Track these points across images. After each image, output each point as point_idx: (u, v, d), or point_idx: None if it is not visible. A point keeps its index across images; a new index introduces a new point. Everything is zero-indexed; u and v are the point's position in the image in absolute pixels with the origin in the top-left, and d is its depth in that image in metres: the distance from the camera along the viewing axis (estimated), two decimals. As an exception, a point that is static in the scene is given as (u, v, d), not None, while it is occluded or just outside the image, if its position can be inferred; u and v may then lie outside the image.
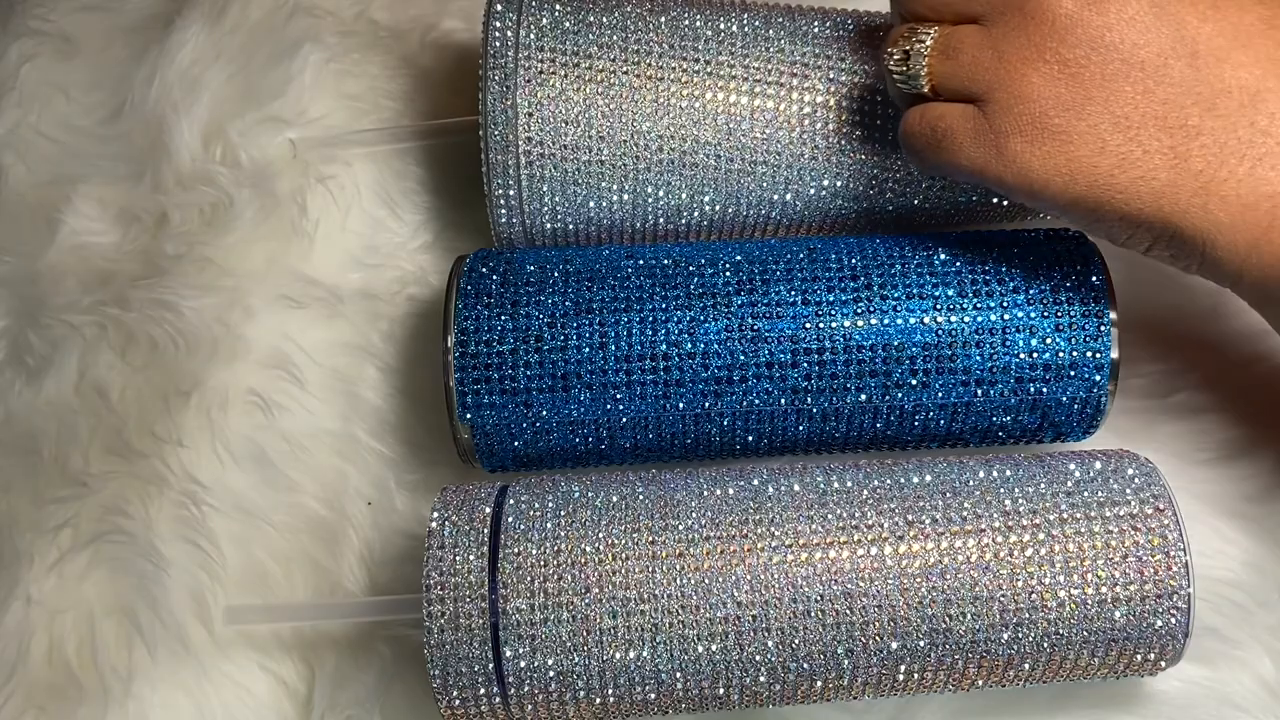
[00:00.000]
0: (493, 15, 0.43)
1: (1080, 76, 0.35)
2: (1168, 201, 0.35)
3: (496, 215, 0.44)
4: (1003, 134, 0.36)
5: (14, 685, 0.42)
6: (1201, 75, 0.35)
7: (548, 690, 0.36)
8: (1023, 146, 0.36)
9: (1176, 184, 0.35)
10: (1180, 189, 0.35)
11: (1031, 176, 0.36)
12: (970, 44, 0.37)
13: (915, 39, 0.38)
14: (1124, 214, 0.36)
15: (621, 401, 0.41)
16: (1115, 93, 0.35)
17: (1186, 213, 0.35)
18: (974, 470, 0.39)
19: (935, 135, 0.38)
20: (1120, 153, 0.35)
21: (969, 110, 0.37)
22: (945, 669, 0.37)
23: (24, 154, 0.50)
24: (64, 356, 0.46)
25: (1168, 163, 0.35)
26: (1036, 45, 0.35)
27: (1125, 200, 0.36)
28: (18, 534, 0.44)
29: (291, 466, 0.45)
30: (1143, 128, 0.35)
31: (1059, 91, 0.35)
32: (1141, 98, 0.35)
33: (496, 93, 0.42)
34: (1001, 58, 0.36)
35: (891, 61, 0.39)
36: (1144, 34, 0.35)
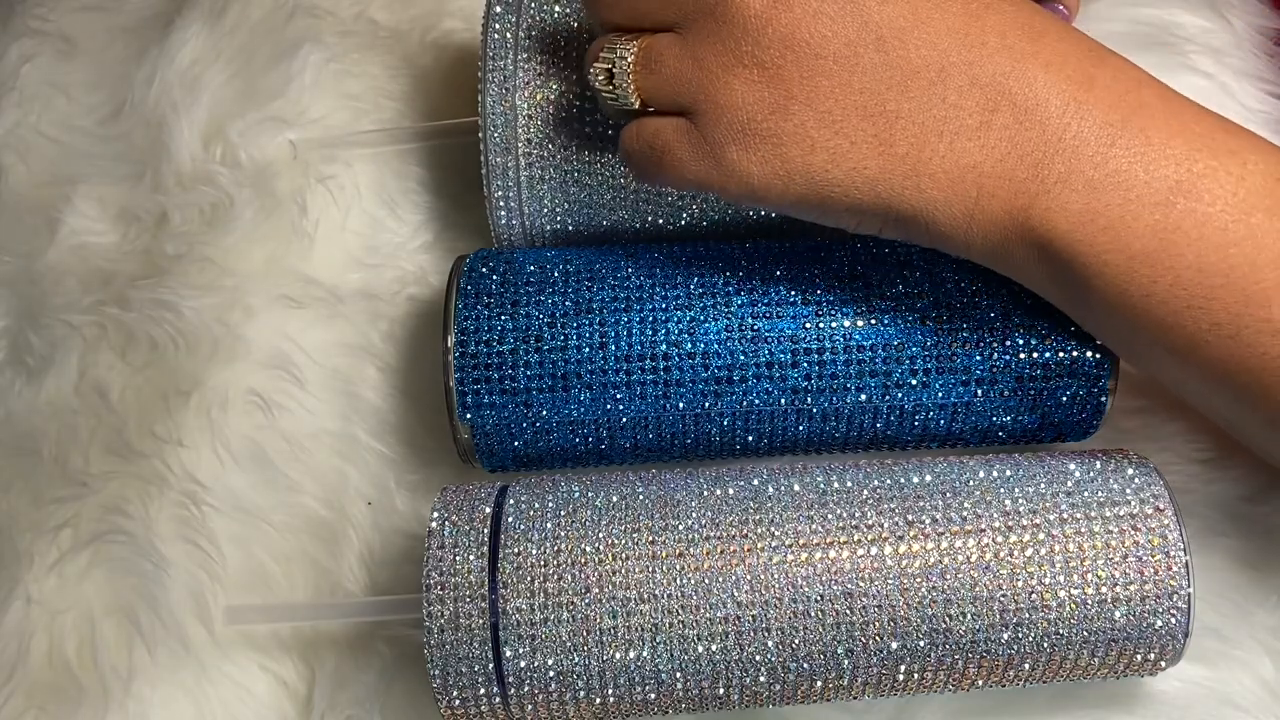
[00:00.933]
0: (492, 17, 0.43)
1: (780, 77, 0.35)
2: (883, 187, 0.36)
3: (496, 217, 0.44)
4: (717, 144, 0.36)
5: (14, 685, 0.42)
6: (890, 59, 0.35)
7: (548, 690, 0.36)
8: (738, 155, 0.36)
9: (887, 169, 0.36)
10: (892, 174, 0.36)
11: (752, 183, 0.37)
12: (670, 55, 0.37)
13: (617, 55, 0.38)
14: (846, 206, 0.37)
15: (621, 401, 0.41)
16: (815, 89, 0.35)
17: (902, 196, 0.36)
18: (974, 470, 0.39)
19: (654, 153, 0.38)
20: (829, 147, 0.36)
21: (682, 124, 0.37)
22: (945, 669, 0.37)
23: (24, 154, 0.50)
24: (64, 356, 0.46)
25: (875, 150, 0.36)
26: (733, 51, 0.36)
27: (844, 193, 0.36)
28: (18, 534, 0.44)
29: (291, 466, 0.45)
30: (846, 120, 0.35)
31: (762, 95, 0.35)
32: (840, 90, 0.35)
33: (496, 95, 0.42)
34: (702, 66, 0.36)
35: (598, 81, 0.38)
36: (830, 26, 0.35)
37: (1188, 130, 0.35)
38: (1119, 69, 0.36)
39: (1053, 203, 0.35)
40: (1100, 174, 0.35)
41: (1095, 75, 0.36)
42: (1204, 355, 0.36)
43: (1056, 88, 0.35)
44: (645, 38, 0.37)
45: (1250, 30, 0.53)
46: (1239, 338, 0.35)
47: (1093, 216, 0.35)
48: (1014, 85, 0.35)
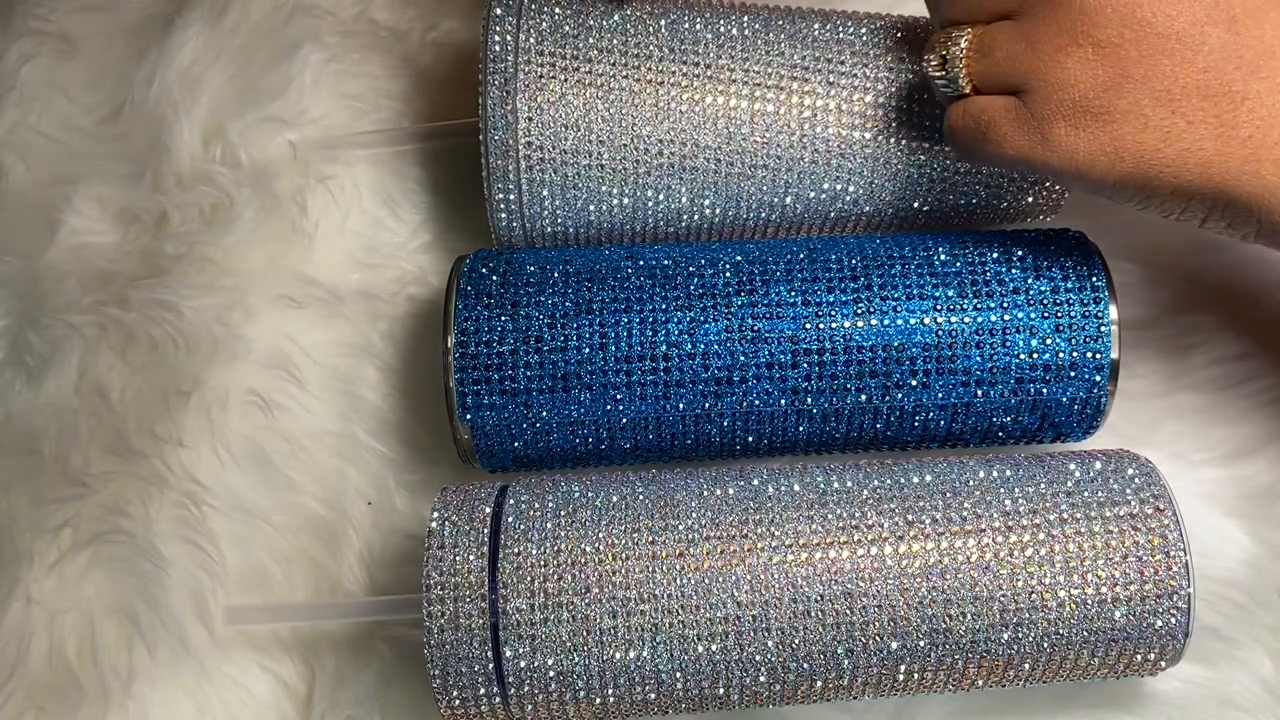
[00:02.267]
0: (492, 19, 0.43)
1: (1116, 55, 0.35)
2: (1217, 171, 0.35)
3: (497, 219, 0.44)
4: (1045, 120, 0.36)
5: (14, 685, 0.42)
6: (1242, 39, 0.35)
7: (548, 690, 0.36)
8: (1066, 131, 0.36)
9: (1225, 152, 0.35)
10: (1229, 157, 0.35)
11: (1077, 159, 0.36)
12: (1004, 39, 0.37)
13: (950, 42, 0.38)
14: (1174, 187, 0.36)
15: (621, 402, 0.41)
16: (1153, 67, 0.35)
17: (1238, 180, 0.35)
18: (974, 470, 0.39)
19: (979, 128, 0.38)
20: (1164, 126, 0.35)
21: (1010, 101, 0.37)
22: (945, 669, 0.37)
23: (24, 154, 0.50)
24: (64, 356, 0.46)
25: (1213, 132, 0.35)
26: (1068, 30, 0.35)
27: (1174, 174, 0.35)
28: (18, 534, 0.44)
29: (291, 466, 0.45)
30: (1185, 99, 0.35)
31: (1095, 73, 0.35)
32: (1180, 69, 0.35)
33: (496, 97, 0.42)
34: (1035, 47, 0.36)
35: (931, 67, 0.39)
36: (1176, 4, 0.35)
37: None
38: None
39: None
40: None
41: None
42: None
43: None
44: (981, 25, 0.38)
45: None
46: None
47: None
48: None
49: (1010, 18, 0.37)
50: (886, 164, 0.44)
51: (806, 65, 0.43)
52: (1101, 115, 0.36)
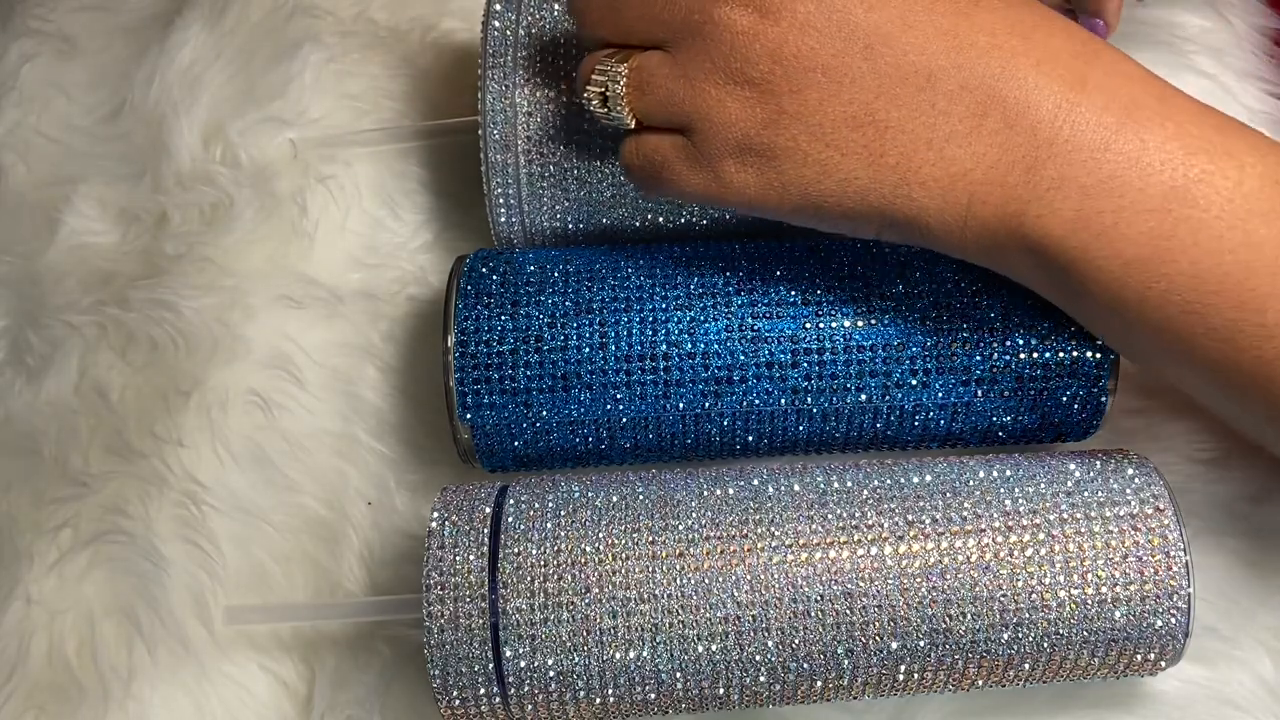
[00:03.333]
0: (492, 15, 0.43)
1: (770, 92, 0.35)
2: (874, 197, 0.36)
3: (496, 215, 0.44)
4: (714, 159, 0.37)
5: (14, 685, 0.42)
6: (878, 66, 0.35)
7: (548, 690, 0.36)
8: (734, 169, 0.37)
9: (878, 179, 0.36)
10: (882, 183, 0.36)
11: (749, 195, 0.37)
12: (662, 75, 0.37)
13: (609, 78, 0.38)
14: (840, 214, 0.37)
15: (621, 401, 0.41)
16: (804, 102, 0.35)
17: (893, 204, 0.36)
18: (974, 470, 0.39)
19: (654, 167, 0.38)
20: (821, 160, 0.36)
21: (679, 140, 0.37)
22: (945, 669, 0.37)
23: (24, 154, 0.50)
24: (64, 356, 0.46)
25: (865, 161, 0.36)
26: (722, 69, 0.36)
27: (837, 202, 0.36)
28: (18, 534, 0.44)
29: (291, 466, 0.45)
30: (836, 131, 0.35)
31: (753, 111, 0.36)
32: (829, 101, 0.35)
33: (496, 92, 0.42)
34: (693, 86, 0.36)
35: (592, 105, 0.38)
36: (817, 38, 0.35)
37: (1184, 132, 0.35)
38: (1113, 66, 0.36)
39: (1045, 209, 0.35)
40: (1093, 179, 0.34)
41: (1088, 74, 0.35)
42: (1201, 356, 0.35)
43: (1048, 89, 0.35)
44: (635, 57, 0.37)
45: (1250, 30, 0.53)
46: (1234, 341, 0.35)
47: (1085, 223, 0.35)
48: (1004, 87, 0.35)
49: (663, 47, 0.37)
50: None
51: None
52: (764, 153, 0.36)
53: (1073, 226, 0.35)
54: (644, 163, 0.39)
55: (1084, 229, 0.35)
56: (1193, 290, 0.34)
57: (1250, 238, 0.34)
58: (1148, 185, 0.34)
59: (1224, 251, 0.34)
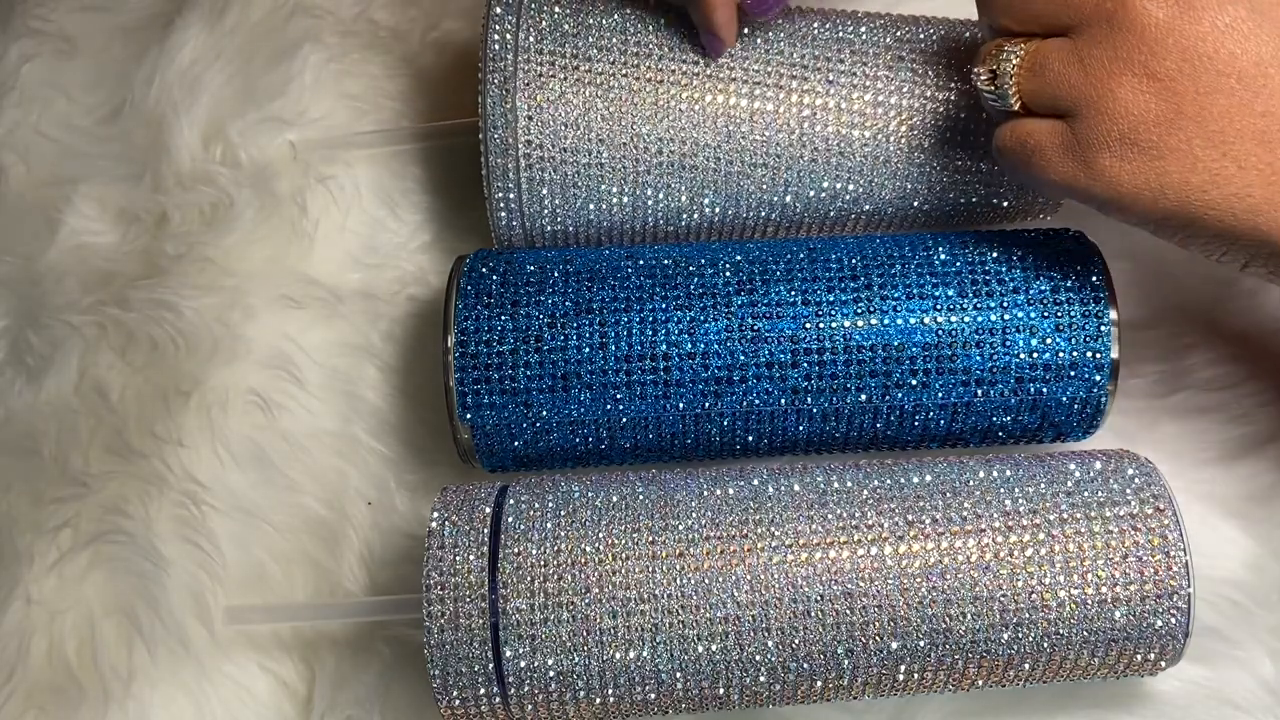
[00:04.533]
0: (492, 18, 0.43)
1: (1171, 90, 0.34)
2: (1264, 219, 0.34)
3: (496, 218, 0.44)
4: (1091, 149, 0.35)
5: (14, 685, 0.42)
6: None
7: (548, 690, 0.36)
8: (1111, 162, 0.35)
9: (1274, 200, 0.34)
10: (1278, 206, 0.34)
11: (1120, 191, 0.35)
12: (1056, 59, 0.36)
13: (1002, 57, 0.37)
14: (1217, 231, 0.35)
15: (621, 401, 0.41)
16: (1209, 106, 0.34)
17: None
18: (974, 470, 0.39)
19: (1026, 151, 0.37)
20: (1213, 169, 0.34)
21: (1057, 126, 0.36)
22: (945, 669, 0.37)
23: (24, 154, 0.50)
24: (64, 356, 0.46)
25: (1264, 179, 0.34)
26: (1124, 58, 0.34)
27: (1218, 217, 0.35)
28: (18, 534, 0.44)
29: (291, 466, 0.45)
30: (1238, 142, 0.34)
31: (1148, 105, 0.34)
32: (1238, 111, 0.34)
33: (496, 96, 0.42)
34: (1088, 71, 0.35)
35: (980, 81, 0.38)
36: (1242, 43, 0.33)
37: None
38: None
39: None
40: None
41: None
42: None
43: None
44: (1035, 41, 0.37)
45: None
46: None
47: None
48: None
49: (1067, 33, 0.36)
50: (886, 163, 0.44)
51: (806, 64, 0.43)
52: (1149, 150, 0.35)
53: None
54: (1017, 145, 0.38)
55: None
56: None
57: None
58: None
59: None
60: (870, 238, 0.43)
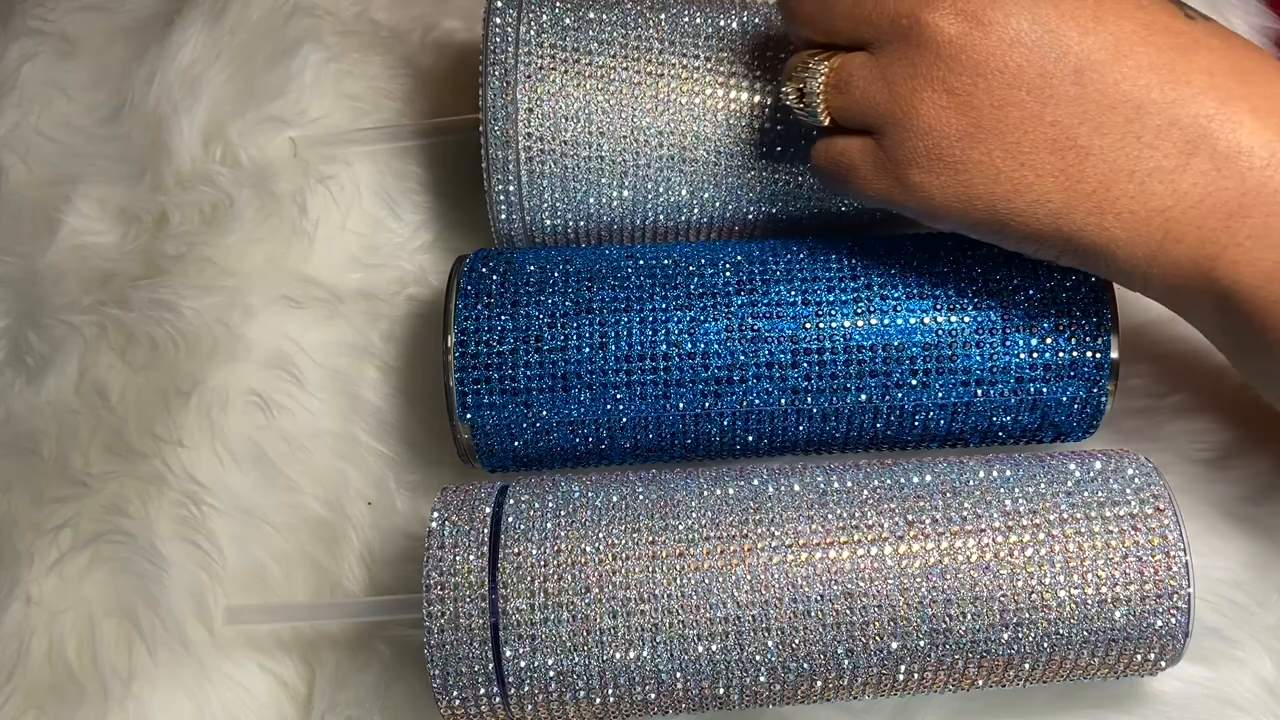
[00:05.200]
0: (493, 11, 0.43)
1: (969, 105, 0.35)
2: (1064, 221, 0.36)
3: (496, 211, 0.44)
4: (901, 165, 0.37)
5: (14, 685, 0.42)
6: (1087, 92, 0.35)
7: (548, 690, 0.36)
8: (921, 177, 0.36)
9: (1071, 205, 0.35)
10: (1075, 209, 0.35)
11: (933, 204, 0.37)
12: (860, 76, 0.37)
13: (808, 74, 0.38)
14: (1024, 234, 0.37)
15: (621, 401, 0.41)
16: (1004, 119, 0.35)
17: (1083, 230, 0.36)
18: (974, 470, 0.39)
19: (840, 170, 0.39)
20: (1014, 178, 0.35)
21: (868, 144, 0.37)
22: (945, 669, 0.37)
23: (24, 154, 0.50)
24: (64, 356, 0.46)
25: (1060, 185, 0.35)
26: (924, 75, 0.35)
27: (1024, 223, 0.36)
28: (18, 534, 0.44)
29: (291, 466, 0.45)
30: (1034, 152, 0.35)
31: (949, 121, 0.35)
32: (1030, 121, 0.35)
33: (497, 88, 0.42)
34: (891, 89, 0.36)
35: (789, 99, 0.39)
36: (1026, 55, 0.35)
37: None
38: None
39: (1243, 256, 0.34)
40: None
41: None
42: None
43: (1262, 136, 0.34)
44: (838, 57, 0.37)
45: (1250, 30, 0.53)
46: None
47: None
48: (1216, 129, 0.34)
49: (868, 48, 0.37)
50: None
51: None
52: (954, 165, 0.36)
53: (1268, 278, 0.34)
54: (831, 164, 0.39)
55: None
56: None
57: None
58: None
59: None
60: (870, 237, 0.43)
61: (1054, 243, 0.36)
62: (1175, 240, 0.35)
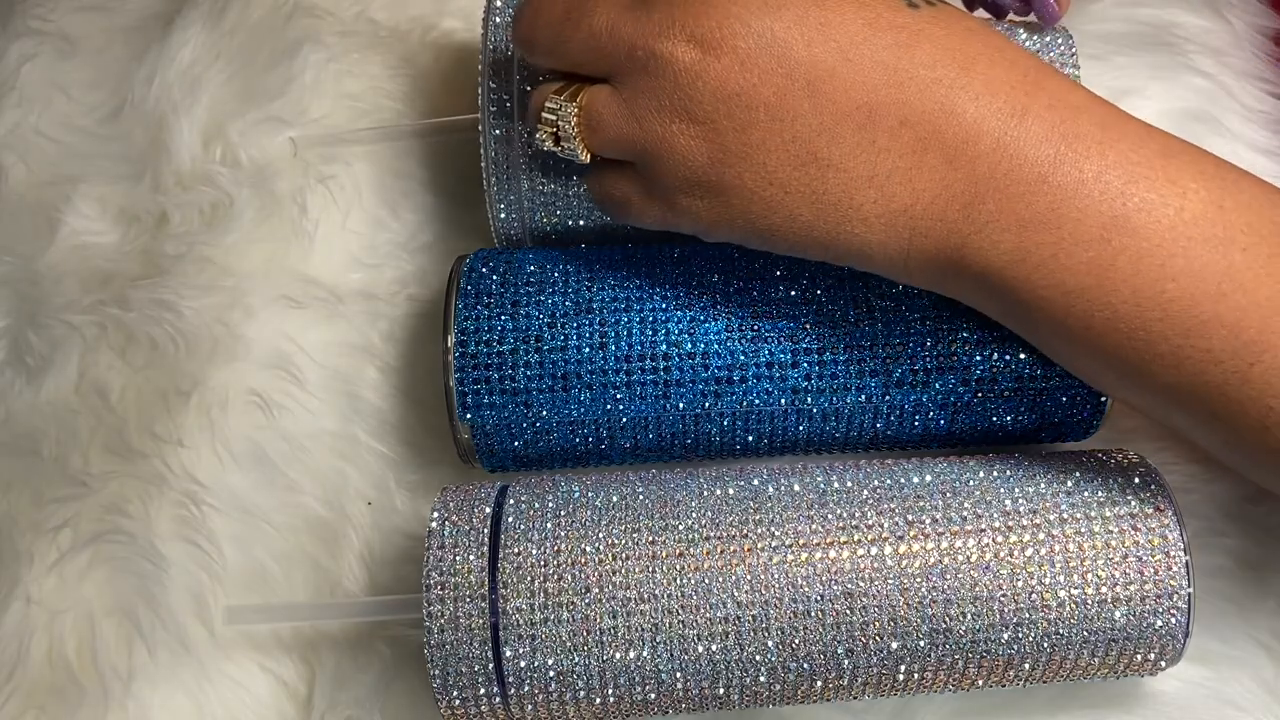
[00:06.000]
0: (492, 11, 0.43)
1: (715, 129, 0.35)
2: (819, 233, 0.36)
3: (496, 212, 0.44)
4: (668, 193, 0.37)
5: (14, 685, 0.42)
6: (820, 104, 0.35)
7: (548, 690, 0.36)
8: (689, 202, 0.37)
9: (821, 216, 0.36)
10: (825, 220, 0.36)
11: (703, 224, 0.37)
12: (609, 113, 0.37)
13: (560, 118, 0.38)
14: (788, 246, 0.37)
15: (621, 401, 0.41)
16: (748, 141, 0.35)
17: (837, 239, 0.36)
18: (974, 470, 0.39)
19: (615, 203, 0.39)
20: (765, 197, 0.36)
21: (635, 175, 0.38)
22: (945, 669, 0.37)
23: (24, 154, 0.50)
24: (64, 356, 0.46)
25: (807, 199, 0.36)
26: (668, 107, 0.35)
27: (783, 236, 0.37)
28: (18, 534, 0.44)
29: (291, 466, 0.45)
30: (779, 169, 0.35)
31: (699, 148, 0.35)
32: (772, 140, 0.35)
33: (496, 87, 0.42)
34: (641, 124, 0.36)
35: (547, 144, 0.38)
36: (760, 74, 0.34)
37: (1125, 160, 0.34)
38: (1055, 95, 0.35)
39: (985, 241, 0.35)
40: (1031, 212, 0.34)
41: (1029, 105, 0.35)
42: (1149, 383, 0.35)
43: (986, 122, 0.34)
44: (585, 93, 0.37)
45: (1250, 30, 0.53)
46: (1181, 367, 0.34)
47: (1025, 255, 0.35)
48: (944, 123, 0.35)
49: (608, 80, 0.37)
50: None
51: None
52: (712, 189, 0.36)
53: (1012, 259, 0.35)
54: (606, 198, 0.40)
55: (1023, 261, 0.35)
56: (1135, 318, 0.34)
57: (1192, 264, 0.34)
58: (1085, 217, 0.34)
59: (1165, 279, 0.34)
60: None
61: (815, 251, 0.37)
62: (922, 235, 0.35)
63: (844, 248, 0.36)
